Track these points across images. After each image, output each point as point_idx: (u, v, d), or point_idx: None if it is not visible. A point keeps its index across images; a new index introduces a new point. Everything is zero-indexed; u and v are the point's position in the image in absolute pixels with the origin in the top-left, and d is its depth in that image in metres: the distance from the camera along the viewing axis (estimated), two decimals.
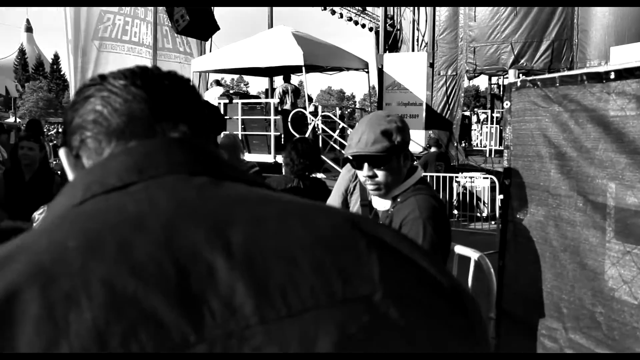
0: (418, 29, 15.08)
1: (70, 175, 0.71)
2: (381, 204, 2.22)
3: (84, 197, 0.59)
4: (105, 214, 0.55)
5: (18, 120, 14.62)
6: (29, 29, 66.83)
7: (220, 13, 12.08)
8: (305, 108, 10.55)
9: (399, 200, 2.11)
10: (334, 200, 3.19)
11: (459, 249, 3.00)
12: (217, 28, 13.50)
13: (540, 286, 2.57)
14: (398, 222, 2.03)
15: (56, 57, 64.04)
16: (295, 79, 12.92)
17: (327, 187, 4.37)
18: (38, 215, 2.31)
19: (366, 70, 13.33)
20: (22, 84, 48.45)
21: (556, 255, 2.51)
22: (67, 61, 14.43)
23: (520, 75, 6.48)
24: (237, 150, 4.35)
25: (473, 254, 2.91)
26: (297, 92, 11.10)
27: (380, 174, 2.07)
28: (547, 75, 2.66)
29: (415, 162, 2.23)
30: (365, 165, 2.08)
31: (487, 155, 13.75)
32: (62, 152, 0.72)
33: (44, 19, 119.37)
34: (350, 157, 2.10)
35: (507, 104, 2.82)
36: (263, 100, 12.03)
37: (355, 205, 3.11)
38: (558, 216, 2.50)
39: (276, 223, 0.54)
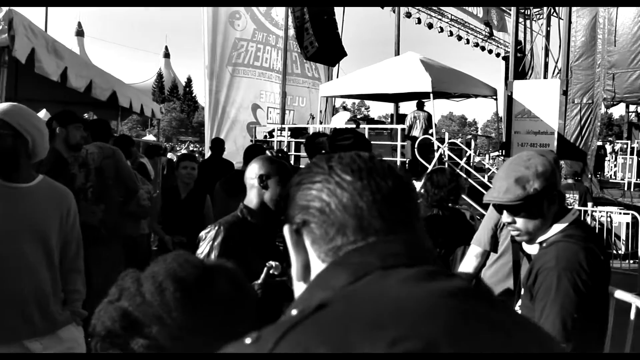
0: (551, 55, 14.52)
1: (292, 252, 0.78)
2: (530, 248, 2.15)
3: (356, 276, 0.67)
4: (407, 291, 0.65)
5: (153, 138, 15.75)
6: (166, 55, 72.18)
7: (347, 40, 12.37)
8: (432, 135, 10.48)
9: (544, 245, 2.02)
10: (482, 234, 3.14)
11: (619, 294, 2.81)
12: (345, 54, 13.85)
13: None
14: (534, 271, 1.95)
15: (189, 81, 68.50)
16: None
17: (466, 219, 4.32)
18: (205, 234, 2.45)
19: (494, 97, 13.03)
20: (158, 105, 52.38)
21: None
22: (203, 85, 15.38)
23: None
24: None
25: (635, 300, 2.71)
26: (429, 119, 11.08)
27: (519, 221, 2.01)
28: None
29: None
30: (504, 212, 2.03)
31: (625, 188, 12.86)
32: (286, 229, 0.79)
33: (181, 45, 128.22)
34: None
35: None
36: (390, 126, 12.11)
37: (505, 241, 3.04)
38: None
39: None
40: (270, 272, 2.21)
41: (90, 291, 3.89)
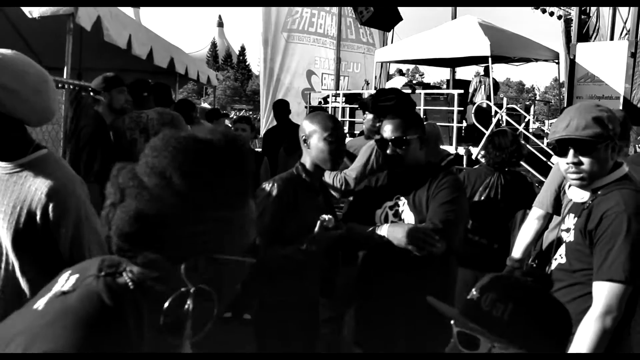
0: (619, 15, 13.82)
1: None
2: (577, 195, 2.14)
3: None
4: None
5: (208, 106, 16.06)
6: (220, 24, 72.61)
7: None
8: (490, 100, 10.24)
9: (599, 193, 2.00)
10: (545, 196, 3.08)
11: None
12: (400, 19, 13.56)
13: None
14: (598, 215, 1.94)
15: (242, 49, 68.82)
16: (468, 70, 12.58)
17: (528, 181, 4.23)
18: (260, 190, 2.48)
19: (556, 61, 12.57)
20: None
21: None
22: (258, 53, 15.45)
23: None
24: (439, 140, 4.38)
25: None
26: (496, 85, 10.82)
27: (586, 162, 1.97)
28: None
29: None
30: (571, 151, 1.99)
31: None
32: None
33: (234, 14, 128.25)
34: (555, 143, 2.03)
35: None
36: (447, 90, 11.89)
37: (568, 205, 2.98)
38: None
39: None
40: (324, 225, 2.25)
41: None
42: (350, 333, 2.99)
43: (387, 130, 2.48)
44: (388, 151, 2.46)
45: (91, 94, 4.09)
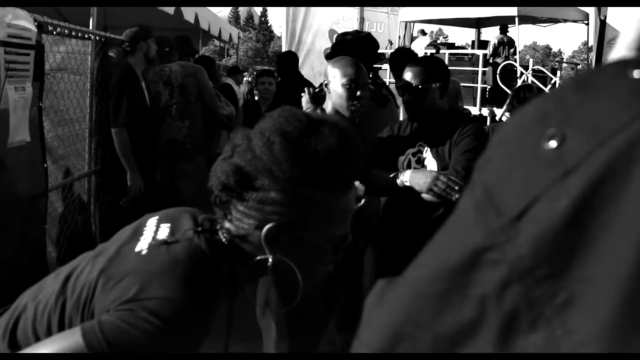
0: None
1: None
2: None
3: None
4: None
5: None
6: None
7: None
8: (515, 61, 10.06)
9: None
10: None
11: None
12: None
13: None
14: None
15: (264, 10, 68.13)
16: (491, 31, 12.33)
17: None
18: None
19: (585, 22, 12.24)
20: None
21: None
22: (280, 13, 15.27)
23: None
24: (459, 96, 4.34)
25: None
26: (511, 43, 10.62)
27: None
28: None
29: None
30: None
31: None
32: None
33: None
34: None
35: None
36: (471, 51, 11.70)
37: None
38: None
39: None
40: None
41: (180, 205, 4.09)
42: (368, 280, 3.04)
43: (407, 77, 2.48)
44: (405, 97, 2.47)
45: (122, 46, 4.12)
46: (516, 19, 10.16)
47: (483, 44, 12.62)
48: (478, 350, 0.35)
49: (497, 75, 9.57)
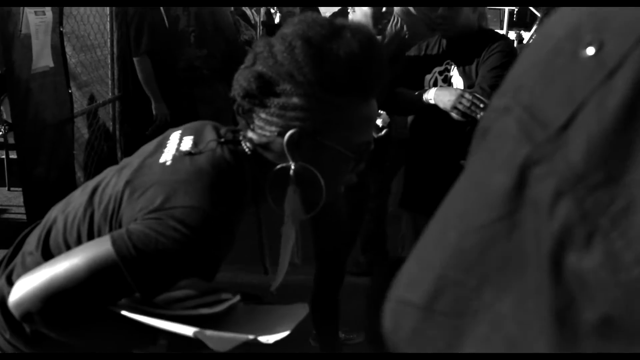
0: None
1: None
2: None
3: None
4: None
5: None
6: None
7: None
8: None
9: None
10: None
11: None
12: None
13: None
14: None
15: None
16: None
17: None
18: None
19: None
20: None
21: None
22: None
23: None
24: (482, 19, 4.21)
25: None
26: None
27: None
28: None
29: None
30: None
31: None
32: None
33: None
34: None
35: None
36: None
37: None
38: None
39: None
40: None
41: None
42: (394, 203, 3.07)
43: None
44: (440, 11, 2.40)
45: None
46: None
47: None
48: (530, 287, 0.32)
49: None
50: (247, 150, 1.08)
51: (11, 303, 0.95)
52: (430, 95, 2.29)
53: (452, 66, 2.41)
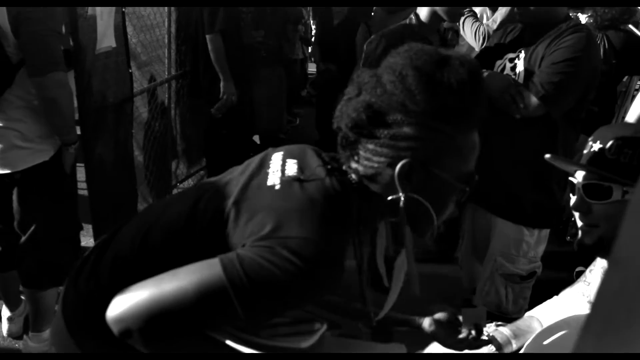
0: None
1: None
2: None
3: None
4: None
5: None
6: None
7: None
8: None
9: None
10: None
11: None
12: None
13: None
14: None
15: None
16: None
17: None
18: (366, 45, 2.42)
19: None
20: None
21: None
22: None
23: None
24: None
25: None
26: None
27: None
28: None
29: None
30: None
31: None
32: None
33: None
34: None
35: None
36: None
37: None
38: None
39: None
40: None
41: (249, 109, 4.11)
42: None
43: None
44: None
45: None
46: None
47: None
48: None
49: None
50: (353, 181, 1.06)
51: (110, 318, 0.94)
52: (484, 76, 2.21)
53: (522, 54, 2.29)
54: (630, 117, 2.92)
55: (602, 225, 1.29)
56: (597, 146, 1.33)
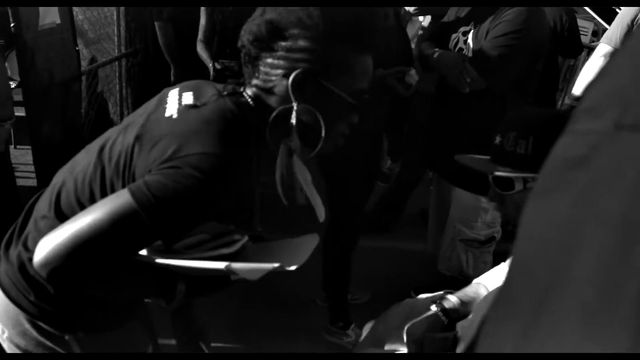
0: None
1: None
2: None
3: None
4: None
5: None
6: None
7: None
8: None
9: None
10: (614, 32, 2.92)
11: None
12: None
13: None
14: None
15: None
16: None
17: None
18: None
19: None
20: None
21: None
22: None
23: None
24: None
25: None
26: None
27: None
28: None
29: None
30: None
31: None
32: None
33: None
34: None
35: None
36: None
37: None
38: None
39: None
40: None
41: None
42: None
43: None
44: None
45: None
46: None
47: None
48: None
49: None
50: (249, 100, 1.13)
51: (37, 263, 0.97)
52: (435, 56, 2.27)
53: (474, 27, 2.31)
54: (576, 90, 2.99)
55: (514, 215, 1.36)
56: (498, 139, 1.38)
